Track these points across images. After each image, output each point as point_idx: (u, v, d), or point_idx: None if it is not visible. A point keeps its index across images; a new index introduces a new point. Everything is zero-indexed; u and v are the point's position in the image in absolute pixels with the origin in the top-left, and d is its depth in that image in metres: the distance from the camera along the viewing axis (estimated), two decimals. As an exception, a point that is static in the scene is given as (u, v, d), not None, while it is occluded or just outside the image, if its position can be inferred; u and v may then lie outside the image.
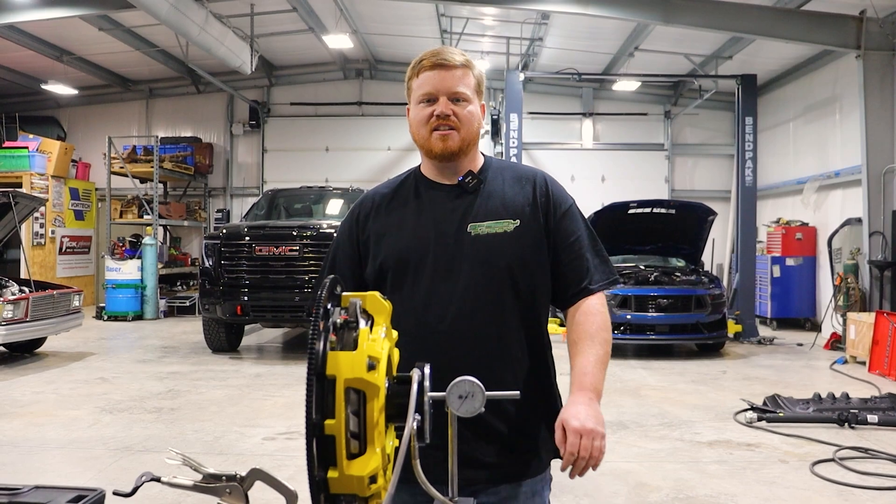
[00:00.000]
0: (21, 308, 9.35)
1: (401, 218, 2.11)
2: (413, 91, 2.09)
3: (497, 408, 1.93)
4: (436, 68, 2.03)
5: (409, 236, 2.07)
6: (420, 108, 2.06)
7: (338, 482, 1.15)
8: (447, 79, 2.02)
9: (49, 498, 1.38)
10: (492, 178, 2.12)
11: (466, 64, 2.06)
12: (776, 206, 15.41)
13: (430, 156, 2.08)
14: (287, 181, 15.80)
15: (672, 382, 8.87)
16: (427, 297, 2.00)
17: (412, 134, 2.11)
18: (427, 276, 2.02)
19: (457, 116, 2.02)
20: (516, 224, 2.04)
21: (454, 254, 2.02)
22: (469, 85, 2.06)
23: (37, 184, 15.03)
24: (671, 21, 11.28)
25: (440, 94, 2.02)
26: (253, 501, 1.36)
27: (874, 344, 9.42)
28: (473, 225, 2.03)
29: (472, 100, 2.06)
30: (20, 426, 6.65)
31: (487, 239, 2.02)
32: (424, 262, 2.03)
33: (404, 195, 2.15)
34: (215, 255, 10.20)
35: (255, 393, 8.13)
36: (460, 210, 2.06)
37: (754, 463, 5.72)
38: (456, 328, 1.97)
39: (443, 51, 2.07)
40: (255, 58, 13.70)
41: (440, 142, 2.03)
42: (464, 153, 2.07)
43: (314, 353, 1.14)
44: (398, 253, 2.06)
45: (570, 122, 17.53)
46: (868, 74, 10.83)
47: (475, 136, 2.09)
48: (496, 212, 2.06)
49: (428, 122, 2.03)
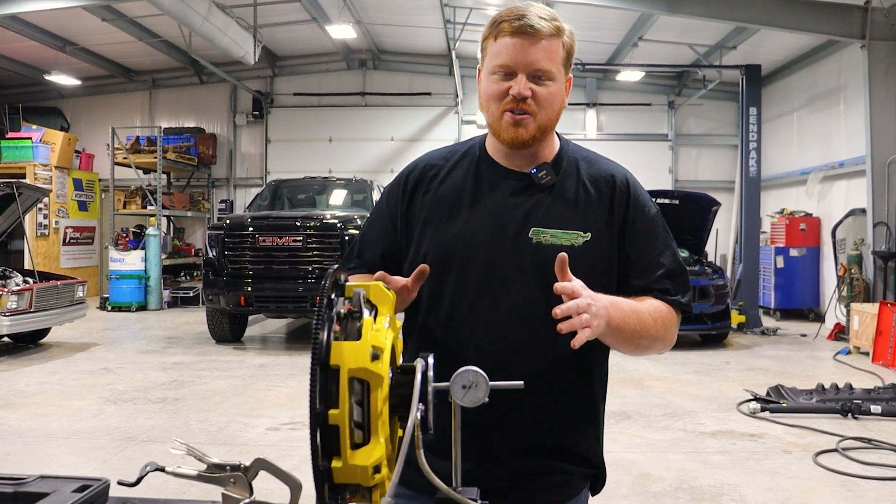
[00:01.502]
0: (25, 298, 9.37)
1: (454, 203, 1.81)
2: (487, 56, 1.74)
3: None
4: (518, 35, 1.68)
5: (460, 229, 1.77)
6: (493, 80, 1.72)
7: (342, 472, 1.15)
8: (530, 51, 1.68)
9: (54, 487, 1.38)
10: (566, 173, 1.80)
11: (556, 32, 1.70)
12: (780, 197, 15.37)
13: (498, 139, 1.77)
14: (290, 172, 15.77)
15: (675, 373, 8.87)
16: (470, 307, 1.74)
17: (480, 105, 1.79)
18: (473, 283, 1.74)
19: (535, 99, 1.69)
20: (586, 238, 1.73)
21: (509, 261, 1.73)
22: (556, 58, 1.71)
23: (40, 174, 15.03)
24: (675, 11, 11.25)
25: (519, 69, 1.68)
26: (257, 491, 1.36)
27: (877, 334, 9.41)
28: (536, 230, 1.73)
29: (557, 77, 1.72)
30: (25, 416, 6.68)
31: (549, 250, 1.67)
32: (473, 264, 1.74)
33: (462, 174, 1.84)
34: (219, 245, 10.21)
35: (259, 383, 8.14)
36: (524, 208, 1.75)
37: (757, 453, 5.72)
38: (497, 350, 1.69)
39: (528, 10, 1.69)
40: (258, 48, 13.68)
41: (511, 128, 1.71)
42: (540, 140, 1.76)
43: (318, 342, 1.14)
44: (444, 249, 1.77)
45: (574, 113, 17.47)
46: (873, 64, 10.78)
47: (555, 120, 1.76)
48: (565, 219, 1.74)
49: (501, 99, 1.71)
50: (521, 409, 1.70)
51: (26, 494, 1.38)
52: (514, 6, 1.71)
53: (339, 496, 1.18)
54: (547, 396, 1.72)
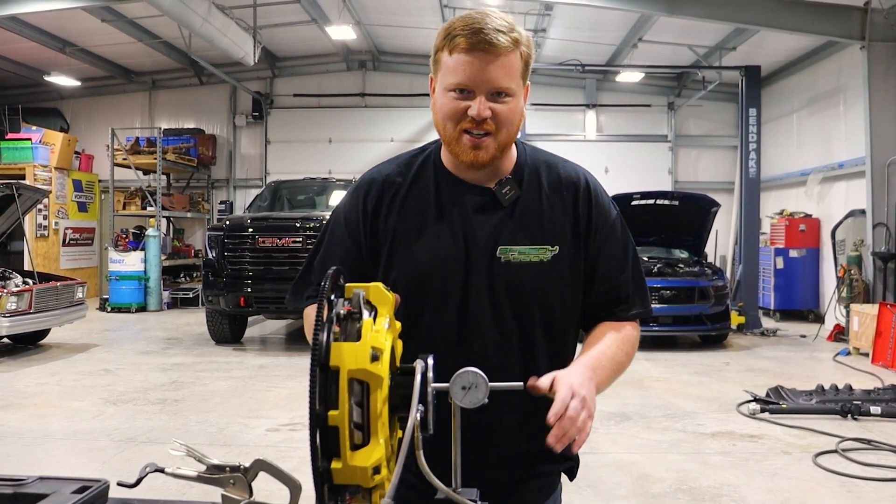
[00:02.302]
0: (25, 300, 9.37)
1: (420, 222, 1.73)
2: (442, 70, 1.64)
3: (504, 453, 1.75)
4: (474, 52, 1.58)
5: (430, 251, 1.71)
6: (450, 97, 1.62)
7: (341, 473, 1.15)
8: (488, 70, 1.58)
9: (53, 489, 1.38)
10: (528, 185, 1.74)
11: (514, 45, 1.60)
12: (780, 198, 15.37)
13: (457, 160, 1.70)
14: (290, 173, 15.77)
15: (675, 374, 8.87)
16: (448, 330, 1.70)
17: (435, 122, 1.69)
18: (449, 307, 1.70)
19: (495, 118, 1.61)
20: (554, 252, 1.70)
21: (481, 282, 1.69)
22: (515, 73, 1.62)
23: (40, 175, 15.03)
24: (675, 12, 11.25)
25: (478, 89, 1.59)
26: (257, 492, 1.36)
27: (877, 335, 9.41)
28: (504, 249, 1.69)
29: (516, 92, 1.64)
30: (24, 417, 6.67)
31: (519, 268, 1.68)
32: (448, 287, 1.70)
33: (423, 191, 1.76)
34: (218, 246, 10.22)
35: (259, 384, 8.14)
36: (490, 226, 1.70)
37: (757, 454, 5.72)
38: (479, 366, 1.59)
39: (485, 23, 1.58)
40: (257, 49, 13.68)
41: (471, 151, 1.64)
42: (500, 158, 1.69)
43: (318, 343, 1.14)
44: (417, 273, 1.71)
45: (574, 114, 17.49)
46: (872, 65, 10.79)
47: (514, 135, 1.69)
48: (532, 235, 1.70)
49: (459, 119, 1.62)
50: (501, 422, 1.72)
51: (26, 496, 1.38)
52: (469, 15, 1.62)
53: (338, 497, 1.18)
54: (525, 410, 1.69)
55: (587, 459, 5.36)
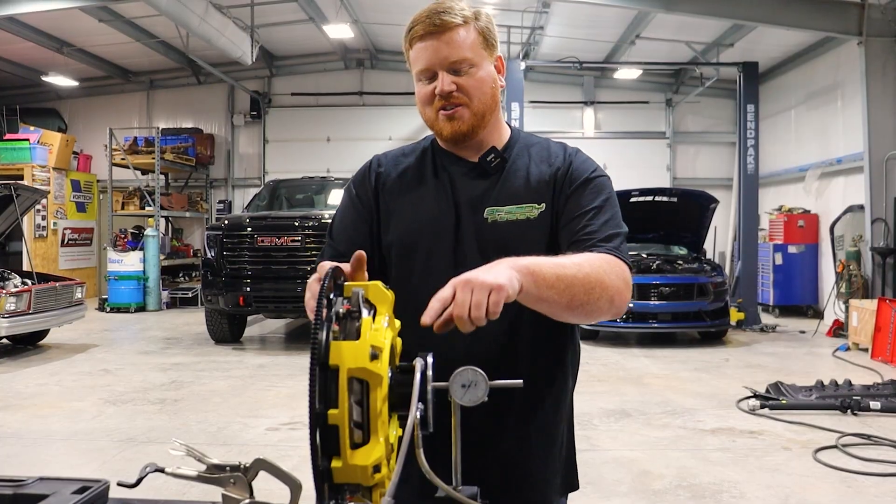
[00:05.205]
0: (24, 300, 9.37)
1: (413, 189, 1.84)
2: (411, 65, 1.81)
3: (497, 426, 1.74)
4: (428, 36, 1.72)
5: (421, 218, 1.80)
6: (421, 85, 1.77)
7: (342, 472, 1.15)
8: (441, 48, 1.71)
9: (53, 489, 1.38)
10: (517, 156, 1.83)
11: (466, 19, 1.72)
12: (778, 194, 15.38)
13: (441, 138, 1.81)
14: (288, 172, 15.78)
15: (675, 370, 8.88)
16: (434, 290, 1.54)
17: (420, 114, 1.83)
18: (437, 269, 1.72)
19: (462, 90, 1.72)
20: (541, 209, 1.74)
21: (469, 244, 1.74)
22: (472, 45, 1.72)
23: (38, 176, 15.02)
24: (672, 9, 11.26)
25: (437, 67, 1.72)
26: (257, 491, 1.36)
27: (876, 331, 9.42)
28: (491, 210, 1.75)
29: (478, 62, 1.73)
30: (24, 418, 6.67)
31: (506, 227, 1.73)
32: (435, 249, 1.77)
33: (419, 164, 1.88)
34: (217, 246, 10.21)
35: (259, 383, 8.14)
36: (479, 191, 1.78)
37: (757, 450, 5.73)
38: (464, 335, 1.49)
39: (433, 9, 1.72)
40: (255, 48, 13.67)
41: (447, 123, 1.74)
42: (480, 127, 1.77)
43: (317, 342, 1.14)
44: (408, 234, 1.80)
45: (572, 111, 17.49)
46: (870, 61, 10.80)
47: (491, 103, 1.77)
48: (518, 195, 1.76)
49: (431, 102, 1.75)
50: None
51: (26, 496, 1.38)
52: (424, 8, 1.75)
53: (338, 496, 1.18)
54: (506, 361, 1.71)
55: (587, 457, 5.37)
